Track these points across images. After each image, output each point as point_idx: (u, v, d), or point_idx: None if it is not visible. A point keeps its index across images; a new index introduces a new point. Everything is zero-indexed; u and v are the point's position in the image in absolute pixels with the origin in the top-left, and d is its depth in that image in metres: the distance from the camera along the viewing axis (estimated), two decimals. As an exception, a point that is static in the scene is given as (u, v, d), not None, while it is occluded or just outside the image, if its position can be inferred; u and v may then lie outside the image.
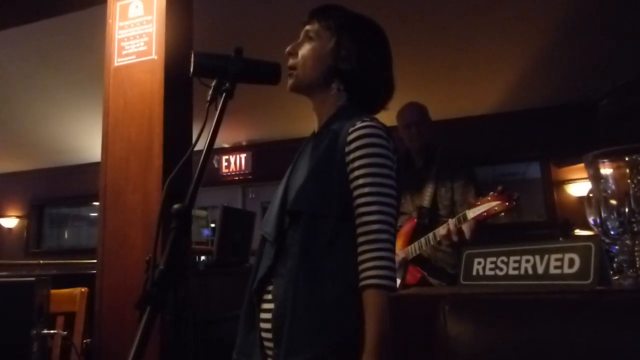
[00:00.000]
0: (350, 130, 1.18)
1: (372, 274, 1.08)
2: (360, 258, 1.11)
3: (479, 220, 2.04)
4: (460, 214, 2.08)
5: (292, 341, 1.08)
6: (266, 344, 1.19)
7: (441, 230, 2.14)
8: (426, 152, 2.50)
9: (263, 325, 1.20)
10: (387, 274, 1.09)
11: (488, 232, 2.24)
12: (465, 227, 2.14)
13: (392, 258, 1.12)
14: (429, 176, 2.42)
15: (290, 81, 1.32)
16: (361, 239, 1.12)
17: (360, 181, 1.14)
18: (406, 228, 2.36)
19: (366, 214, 1.13)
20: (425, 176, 2.44)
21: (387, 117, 1.38)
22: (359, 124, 1.18)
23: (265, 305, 1.21)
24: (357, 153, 1.15)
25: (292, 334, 1.08)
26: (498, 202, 1.95)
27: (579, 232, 4.52)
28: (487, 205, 1.98)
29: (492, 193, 2.00)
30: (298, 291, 1.11)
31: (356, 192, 1.15)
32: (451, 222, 2.12)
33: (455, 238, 2.10)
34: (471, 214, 2.02)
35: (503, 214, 1.99)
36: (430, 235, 2.19)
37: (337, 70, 1.27)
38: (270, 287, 1.20)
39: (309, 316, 1.09)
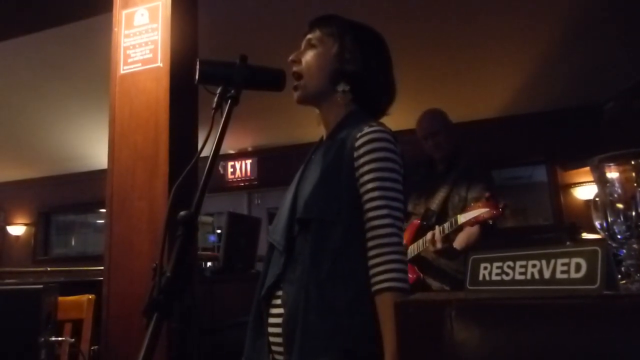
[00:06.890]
0: (358, 136, 1.19)
1: (385, 277, 1.08)
2: (372, 262, 1.11)
3: (481, 225, 2.01)
4: (452, 218, 2.06)
5: (304, 346, 1.08)
6: (274, 348, 1.20)
7: (428, 236, 2.12)
8: (449, 159, 2.45)
9: (272, 330, 1.21)
10: (400, 277, 1.09)
11: (490, 238, 2.20)
12: (463, 235, 2.12)
13: (404, 260, 1.12)
14: (445, 180, 2.38)
15: (296, 94, 1.33)
16: (371, 243, 1.13)
17: (369, 185, 1.15)
18: (409, 229, 2.34)
19: (376, 217, 1.13)
20: (442, 180, 2.40)
21: (393, 121, 1.38)
22: (366, 129, 1.19)
23: (274, 311, 1.21)
24: (366, 158, 1.17)
25: (304, 339, 1.08)
26: (486, 210, 1.92)
27: (586, 235, 4.47)
28: (477, 212, 1.95)
29: (482, 199, 1.97)
30: (309, 297, 1.10)
31: (365, 197, 1.16)
32: (438, 228, 2.09)
33: (439, 245, 2.07)
34: (462, 219, 2.00)
35: (491, 221, 1.94)
36: (424, 238, 2.18)
37: (342, 72, 1.29)
38: (279, 293, 1.21)
39: (321, 321, 1.09)
